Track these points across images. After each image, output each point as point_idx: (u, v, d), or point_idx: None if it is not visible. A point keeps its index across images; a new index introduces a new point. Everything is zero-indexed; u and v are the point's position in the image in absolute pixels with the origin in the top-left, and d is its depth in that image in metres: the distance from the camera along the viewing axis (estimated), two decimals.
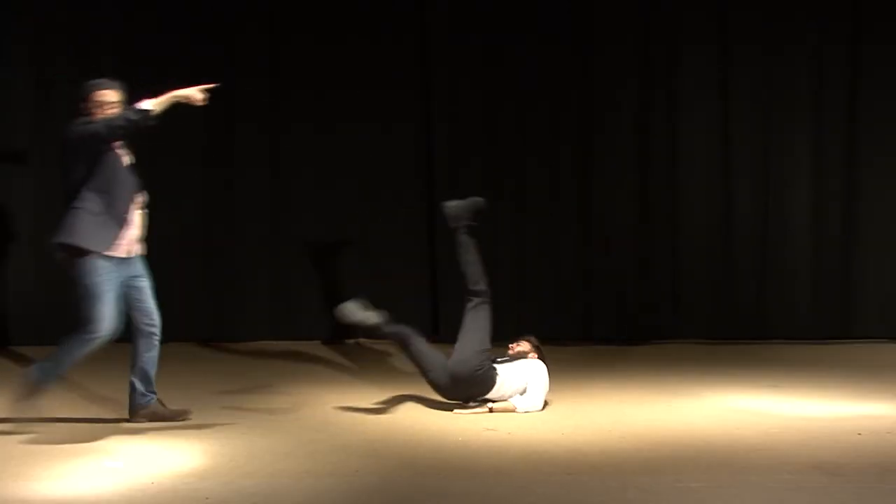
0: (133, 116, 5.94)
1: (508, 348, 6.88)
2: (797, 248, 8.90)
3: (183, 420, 6.21)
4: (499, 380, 6.57)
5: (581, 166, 8.91)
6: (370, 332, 6.98)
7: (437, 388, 6.61)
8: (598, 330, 8.89)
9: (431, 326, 8.54)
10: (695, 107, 8.91)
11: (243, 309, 8.83)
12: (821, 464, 5.36)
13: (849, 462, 5.39)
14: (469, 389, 6.54)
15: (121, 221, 6.06)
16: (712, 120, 8.92)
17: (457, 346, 6.58)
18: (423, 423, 6.38)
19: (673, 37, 8.90)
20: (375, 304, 6.55)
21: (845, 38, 8.78)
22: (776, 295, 8.87)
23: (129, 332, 6.18)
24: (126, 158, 6.13)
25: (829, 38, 8.80)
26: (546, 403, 6.66)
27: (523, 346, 6.89)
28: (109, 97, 6.11)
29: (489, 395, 6.58)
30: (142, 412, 6.18)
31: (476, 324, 6.59)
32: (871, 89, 8.77)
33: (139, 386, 6.18)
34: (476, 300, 6.65)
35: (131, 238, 6.15)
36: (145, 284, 6.21)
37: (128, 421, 6.19)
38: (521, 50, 8.83)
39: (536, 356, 6.84)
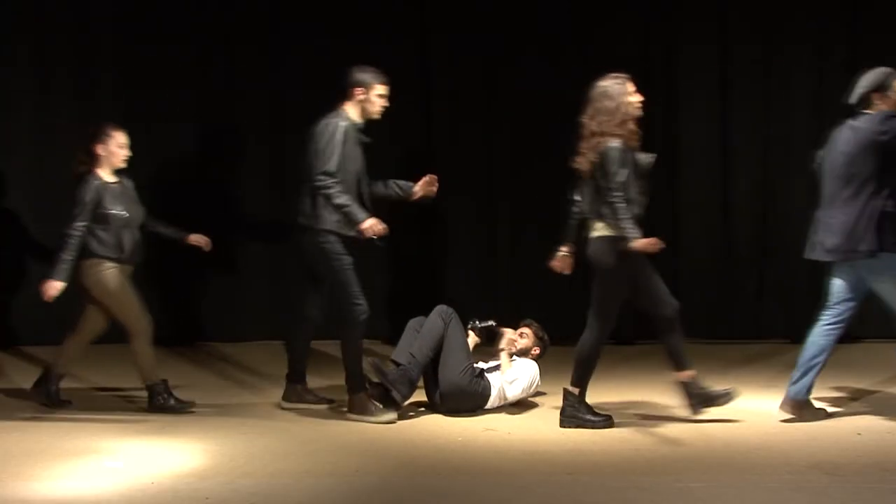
0: None
1: (512, 341, 6.90)
2: (797, 247, 8.86)
3: None
4: (493, 391, 6.62)
5: None
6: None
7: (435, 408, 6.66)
8: None
9: None
10: (695, 107, 8.90)
11: (243, 308, 8.83)
12: (821, 464, 5.36)
13: (849, 462, 5.39)
14: (461, 405, 6.56)
15: None
16: (712, 120, 8.90)
17: (442, 360, 6.56)
18: (423, 423, 6.39)
19: (673, 37, 8.88)
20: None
21: (845, 38, 8.77)
22: (776, 295, 8.86)
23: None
24: None
25: (829, 38, 8.79)
26: (536, 404, 6.69)
27: (527, 338, 6.92)
28: None
29: (488, 406, 6.61)
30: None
31: (456, 341, 6.58)
32: None
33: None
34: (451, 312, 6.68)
35: None
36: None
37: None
38: (521, 50, 8.82)
39: (539, 351, 6.91)
